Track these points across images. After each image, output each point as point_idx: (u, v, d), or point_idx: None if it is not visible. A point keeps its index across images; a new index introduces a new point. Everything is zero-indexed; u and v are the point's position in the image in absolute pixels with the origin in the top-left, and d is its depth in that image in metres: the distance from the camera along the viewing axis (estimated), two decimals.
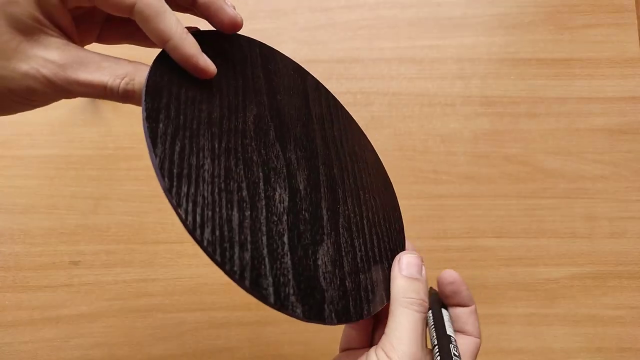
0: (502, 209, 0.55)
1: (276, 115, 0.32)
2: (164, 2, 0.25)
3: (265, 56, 0.35)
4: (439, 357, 0.27)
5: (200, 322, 0.53)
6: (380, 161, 0.39)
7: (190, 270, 0.53)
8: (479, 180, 0.55)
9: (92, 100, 0.55)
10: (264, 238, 0.26)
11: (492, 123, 0.56)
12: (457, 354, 0.28)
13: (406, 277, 0.29)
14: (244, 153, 0.27)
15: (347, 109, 0.40)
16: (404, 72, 0.57)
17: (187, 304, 0.53)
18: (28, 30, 0.23)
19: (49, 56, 0.23)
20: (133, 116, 0.56)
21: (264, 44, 0.35)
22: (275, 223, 0.27)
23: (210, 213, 0.24)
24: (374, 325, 0.34)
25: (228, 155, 0.26)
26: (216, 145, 0.26)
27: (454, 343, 0.29)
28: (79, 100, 0.56)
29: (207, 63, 0.26)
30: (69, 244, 0.53)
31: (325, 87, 0.38)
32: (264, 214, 0.27)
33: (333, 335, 0.51)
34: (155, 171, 0.23)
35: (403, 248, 0.36)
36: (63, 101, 0.54)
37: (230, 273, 0.24)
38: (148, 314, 0.53)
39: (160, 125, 0.24)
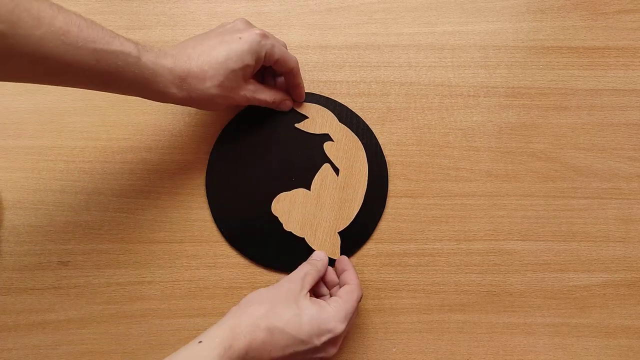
0: (529, 209, 0.52)
1: (284, 155, 0.52)
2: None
3: (289, 111, 0.52)
4: None
5: (200, 328, 0.50)
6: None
7: (190, 272, 0.52)
8: (504, 178, 0.53)
9: None
10: None
11: (518, 116, 0.53)
12: None
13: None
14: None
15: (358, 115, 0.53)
16: (422, 60, 0.54)
17: (185, 309, 0.52)
18: (245, 79, 0.46)
19: (250, 88, 0.47)
20: (128, 104, 0.53)
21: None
22: None
23: None
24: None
25: None
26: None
27: None
28: None
29: (303, 93, 0.52)
30: (57, 242, 0.52)
31: (338, 103, 0.53)
32: None
33: (343, 345, 0.51)
34: None
35: None
36: (52, 87, 0.52)
37: None
38: (143, 320, 0.51)
39: None
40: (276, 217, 0.51)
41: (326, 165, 0.51)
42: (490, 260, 0.52)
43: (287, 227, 0.51)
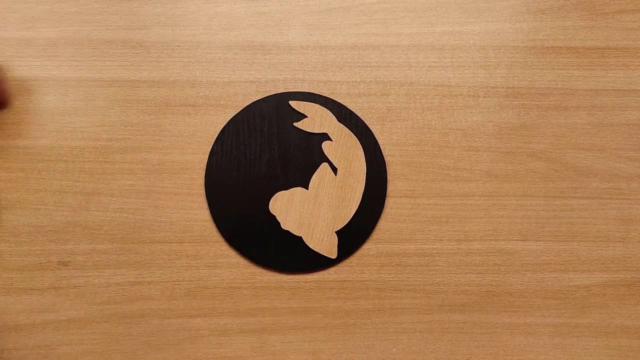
0: (529, 209, 0.52)
1: (282, 154, 0.52)
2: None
3: (287, 110, 0.52)
4: None
5: (201, 329, 0.51)
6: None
7: (190, 272, 0.52)
8: (504, 178, 0.53)
9: (82, 85, 0.53)
10: None
11: (518, 116, 0.53)
12: None
13: None
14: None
15: (356, 114, 0.52)
16: (422, 60, 0.54)
17: (186, 309, 0.52)
18: None
19: None
20: (128, 104, 0.53)
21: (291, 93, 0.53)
22: None
23: None
24: None
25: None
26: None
27: None
28: (69, 86, 0.53)
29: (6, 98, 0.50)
30: (57, 242, 0.51)
31: (337, 103, 0.53)
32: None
33: (343, 345, 0.51)
34: None
35: None
36: (52, 87, 0.52)
37: None
38: (143, 320, 0.51)
39: None
40: (274, 216, 0.51)
41: (324, 165, 0.51)
42: (490, 260, 0.52)
43: (285, 226, 0.51)
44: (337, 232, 0.51)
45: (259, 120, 0.52)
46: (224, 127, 0.52)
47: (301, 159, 0.52)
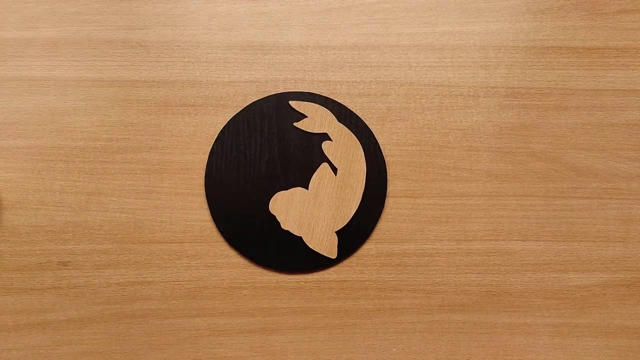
0: (529, 209, 0.52)
1: (282, 154, 0.52)
2: None
3: (287, 110, 0.52)
4: None
5: (200, 329, 0.51)
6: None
7: (190, 272, 0.52)
8: (504, 179, 0.53)
9: (82, 85, 0.53)
10: None
11: (518, 116, 0.53)
12: None
13: None
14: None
15: (355, 114, 0.52)
16: (422, 60, 0.54)
17: (185, 309, 0.52)
18: None
19: None
20: (128, 104, 0.53)
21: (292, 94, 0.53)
22: None
23: None
24: None
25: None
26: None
27: None
28: (69, 86, 0.53)
29: None
30: (57, 242, 0.51)
31: (337, 103, 0.53)
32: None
33: (343, 345, 0.51)
34: None
35: None
36: (52, 87, 0.52)
37: None
38: (143, 320, 0.51)
39: None
40: (274, 216, 0.51)
41: (324, 165, 0.51)
42: (490, 260, 0.52)
43: (285, 226, 0.51)
44: (337, 232, 0.51)
45: (259, 120, 0.52)
46: (224, 127, 0.52)
47: (301, 159, 0.52)
